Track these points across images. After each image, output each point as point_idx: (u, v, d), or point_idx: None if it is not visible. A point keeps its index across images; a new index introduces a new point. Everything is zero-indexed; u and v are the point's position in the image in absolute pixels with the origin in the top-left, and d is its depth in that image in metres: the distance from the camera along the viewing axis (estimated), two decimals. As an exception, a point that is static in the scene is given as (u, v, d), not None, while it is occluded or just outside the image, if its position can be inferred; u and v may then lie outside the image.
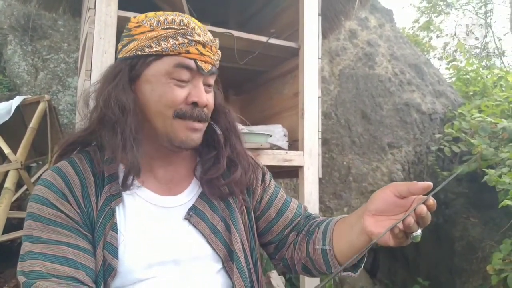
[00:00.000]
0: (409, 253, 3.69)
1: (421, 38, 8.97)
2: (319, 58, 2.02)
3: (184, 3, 1.85)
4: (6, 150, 2.38)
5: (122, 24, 1.61)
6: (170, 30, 0.81)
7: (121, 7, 1.62)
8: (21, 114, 2.60)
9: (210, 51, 0.85)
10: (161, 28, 0.81)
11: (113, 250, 0.79)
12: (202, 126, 0.87)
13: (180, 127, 0.84)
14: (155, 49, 0.81)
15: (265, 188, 1.02)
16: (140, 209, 0.85)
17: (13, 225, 2.87)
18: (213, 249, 0.87)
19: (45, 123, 2.58)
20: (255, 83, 2.57)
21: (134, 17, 0.87)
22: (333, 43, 3.97)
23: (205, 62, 0.84)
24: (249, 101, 2.61)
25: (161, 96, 0.82)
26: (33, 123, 2.48)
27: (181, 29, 0.81)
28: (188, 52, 0.81)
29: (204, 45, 0.83)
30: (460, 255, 3.28)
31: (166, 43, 0.81)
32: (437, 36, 9.92)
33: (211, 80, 0.88)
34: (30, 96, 2.76)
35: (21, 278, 0.75)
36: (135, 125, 0.81)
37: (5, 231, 2.23)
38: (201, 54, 0.83)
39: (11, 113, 2.50)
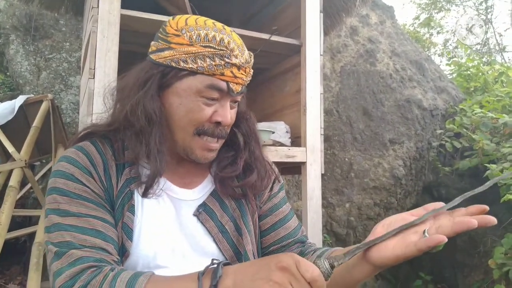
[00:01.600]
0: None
1: (421, 35, 8.95)
2: (321, 55, 2.03)
3: (187, 2, 1.86)
4: (10, 148, 2.39)
5: (125, 22, 1.62)
6: (209, 49, 0.80)
7: (124, 5, 1.63)
8: (24, 113, 2.61)
9: (244, 73, 0.84)
10: (200, 45, 0.80)
11: (128, 232, 0.81)
12: (219, 146, 0.89)
13: (198, 145, 0.85)
14: (190, 65, 0.80)
15: (271, 195, 1.01)
16: (156, 196, 0.86)
17: (17, 223, 2.89)
18: (219, 248, 0.88)
19: (48, 122, 2.59)
20: (257, 80, 2.58)
21: (173, 19, 0.85)
22: (334, 40, 3.98)
23: (237, 83, 0.84)
24: (251, 98, 2.62)
25: (188, 112, 0.82)
26: (36, 122, 2.49)
27: (220, 50, 0.80)
28: (222, 74, 0.81)
29: (239, 67, 0.83)
30: (462, 250, 3.30)
31: (202, 62, 0.80)
32: (438, 33, 9.89)
33: (239, 98, 0.89)
34: (33, 95, 2.77)
35: (52, 248, 0.74)
36: (159, 135, 0.82)
37: (9, 229, 2.24)
38: (235, 76, 0.83)
39: (15, 112, 2.51)
